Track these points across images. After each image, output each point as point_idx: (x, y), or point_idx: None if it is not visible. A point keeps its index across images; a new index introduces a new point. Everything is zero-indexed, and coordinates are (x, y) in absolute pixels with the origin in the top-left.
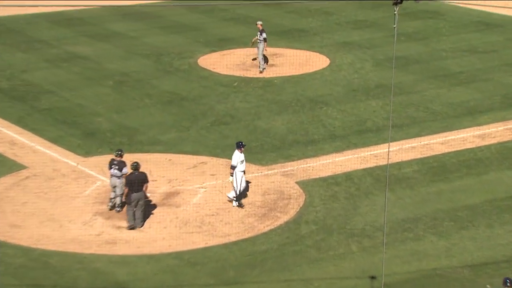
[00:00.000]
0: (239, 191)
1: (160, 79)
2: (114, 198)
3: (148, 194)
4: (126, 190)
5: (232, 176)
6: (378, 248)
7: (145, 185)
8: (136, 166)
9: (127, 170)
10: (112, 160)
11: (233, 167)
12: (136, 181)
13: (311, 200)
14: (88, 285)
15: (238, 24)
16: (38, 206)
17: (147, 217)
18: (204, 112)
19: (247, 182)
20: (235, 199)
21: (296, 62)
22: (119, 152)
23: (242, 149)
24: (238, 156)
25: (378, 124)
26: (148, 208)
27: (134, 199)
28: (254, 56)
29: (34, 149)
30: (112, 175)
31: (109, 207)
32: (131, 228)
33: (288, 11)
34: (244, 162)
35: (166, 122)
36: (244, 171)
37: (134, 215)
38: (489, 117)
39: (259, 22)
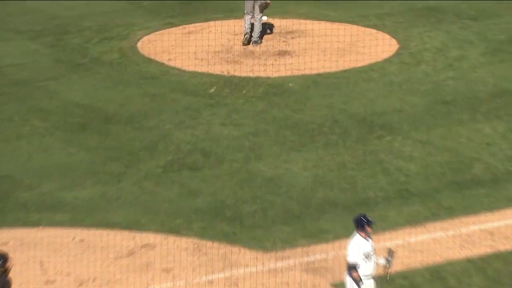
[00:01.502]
0: None
1: (62, 81)
2: None
3: None
4: None
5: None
6: None
7: None
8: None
9: None
10: None
11: (352, 269)
12: None
13: None
14: None
15: None
16: None
17: None
18: (151, 145)
19: None
20: None
21: (332, 46)
22: None
23: (370, 229)
24: (361, 246)
25: (497, 170)
26: None
27: None
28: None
29: None
30: None
31: None
32: None
33: None
34: (373, 257)
35: (74, 165)
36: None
37: None
38: None
39: None
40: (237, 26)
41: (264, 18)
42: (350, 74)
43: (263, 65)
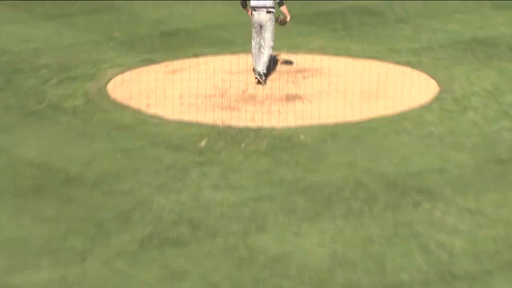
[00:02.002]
0: None
1: (12, 134)
2: None
3: None
4: None
5: None
6: None
7: None
8: None
9: None
10: None
11: None
12: None
13: None
14: None
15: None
16: None
17: None
18: (124, 214)
19: None
20: None
21: (354, 89)
22: None
23: None
24: None
25: None
26: None
27: None
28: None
29: None
30: None
31: None
32: None
33: None
34: None
35: (26, 240)
36: None
37: None
38: None
39: None
40: (234, 63)
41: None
42: (377, 124)
43: (267, 112)
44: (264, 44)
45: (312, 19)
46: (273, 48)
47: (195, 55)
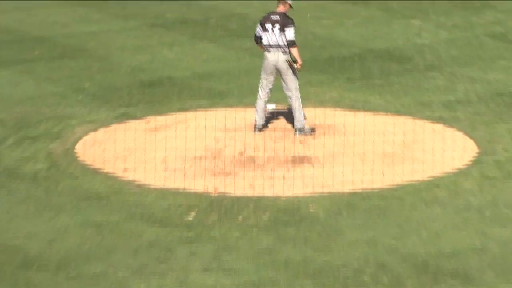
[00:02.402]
0: None
1: None
2: None
3: None
4: None
5: None
6: None
7: None
8: None
9: None
10: None
11: None
12: None
13: None
14: None
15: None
16: None
17: None
18: None
19: None
20: None
21: (375, 150)
22: None
23: None
24: None
25: None
26: None
27: None
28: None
29: None
30: None
31: None
32: None
33: None
34: None
35: None
36: None
37: None
38: None
39: None
40: (230, 119)
41: (271, 107)
42: (403, 193)
43: (270, 178)
44: (288, 90)
45: (324, 66)
46: (298, 93)
47: (182, 110)
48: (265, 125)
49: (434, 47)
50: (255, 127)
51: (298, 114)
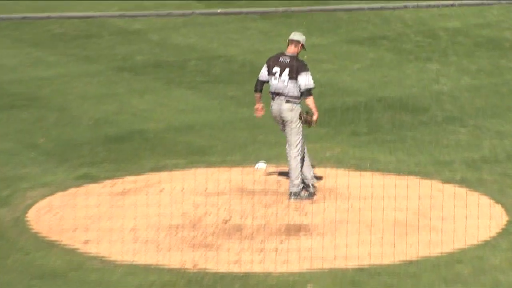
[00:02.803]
0: None
1: None
2: None
3: None
4: None
5: None
6: None
7: None
8: None
9: None
10: None
11: None
12: None
13: None
14: None
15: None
16: None
17: None
18: None
19: None
20: None
21: (385, 217)
22: None
23: None
24: None
25: None
26: None
27: None
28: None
29: None
30: None
31: None
32: None
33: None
34: None
35: None
36: None
37: None
38: None
39: (297, 38)
40: (212, 181)
41: (261, 166)
42: (419, 270)
43: (259, 251)
44: (288, 144)
45: (324, 118)
46: (301, 156)
47: (156, 169)
48: (254, 188)
49: (454, 95)
50: (309, 191)
51: (294, 175)
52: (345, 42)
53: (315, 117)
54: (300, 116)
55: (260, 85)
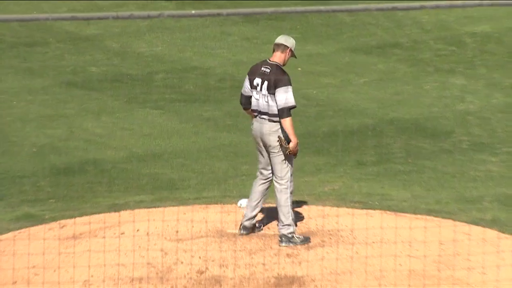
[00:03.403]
0: None
1: None
2: None
3: None
4: None
5: None
6: None
7: None
8: None
9: None
10: None
11: None
12: None
13: None
14: None
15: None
16: None
17: None
18: None
19: None
20: None
21: (399, 267)
22: None
23: None
24: None
25: None
26: None
27: None
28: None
29: None
30: None
31: None
32: None
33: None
34: None
35: None
36: None
37: None
38: None
39: (283, 42)
40: (184, 221)
41: (244, 203)
42: None
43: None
44: (275, 176)
45: (323, 144)
46: (291, 185)
47: (114, 208)
48: (249, 228)
49: (484, 116)
50: (240, 225)
51: (284, 216)
52: (349, 50)
53: (291, 144)
54: (279, 141)
55: (246, 100)
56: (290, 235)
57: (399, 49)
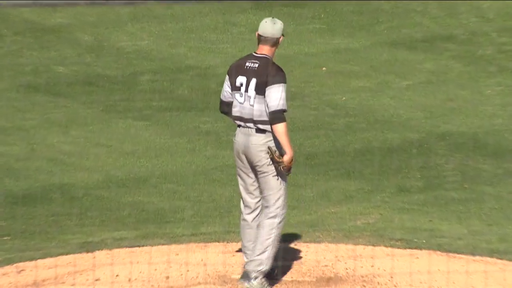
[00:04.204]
0: None
1: None
2: None
3: None
4: None
5: None
6: None
7: None
8: None
9: None
10: None
11: None
12: None
13: None
14: None
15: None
16: None
17: None
18: None
19: None
20: None
21: None
22: None
23: None
24: None
25: None
26: None
27: None
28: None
29: None
30: None
31: None
32: None
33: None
34: None
35: None
36: None
37: None
38: None
39: (270, 31)
40: (176, 264)
41: None
42: None
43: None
44: (264, 200)
45: (353, 164)
46: (283, 215)
47: (86, 247)
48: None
49: None
50: (243, 274)
51: (261, 247)
52: (387, 45)
53: (286, 158)
54: (269, 152)
55: (228, 107)
56: (258, 273)
57: (452, 43)
